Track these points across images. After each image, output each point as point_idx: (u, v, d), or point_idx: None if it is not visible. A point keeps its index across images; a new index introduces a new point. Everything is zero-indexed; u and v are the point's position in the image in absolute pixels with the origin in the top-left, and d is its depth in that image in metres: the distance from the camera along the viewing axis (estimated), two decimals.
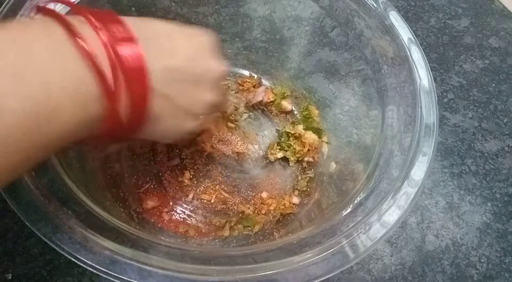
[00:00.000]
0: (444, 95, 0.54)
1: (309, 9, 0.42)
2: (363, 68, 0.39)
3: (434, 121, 0.33)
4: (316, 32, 0.43)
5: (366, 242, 0.28)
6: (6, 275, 0.36)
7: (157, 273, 0.25)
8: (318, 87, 0.46)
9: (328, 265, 0.27)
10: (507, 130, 0.52)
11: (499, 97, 0.55)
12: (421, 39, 0.58)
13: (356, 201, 0.31)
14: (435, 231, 0.45)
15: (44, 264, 0.37)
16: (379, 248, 0.43)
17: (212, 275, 0.26)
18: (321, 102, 0.46)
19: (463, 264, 0.43)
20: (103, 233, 0.26)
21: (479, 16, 0.61)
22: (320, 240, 0.29)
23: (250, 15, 0.45)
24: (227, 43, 0.48)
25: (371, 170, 0.33)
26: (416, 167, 0.31)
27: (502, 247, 0.45)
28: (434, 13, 0.60)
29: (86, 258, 0.25)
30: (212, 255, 0.29)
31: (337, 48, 0.42)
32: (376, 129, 0.36)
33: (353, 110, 0.42)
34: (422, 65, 0.36)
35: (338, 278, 0.41)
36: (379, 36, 0.38)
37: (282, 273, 0.26)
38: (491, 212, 0.47)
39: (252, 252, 0.28)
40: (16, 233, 0.38)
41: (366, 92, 0.39)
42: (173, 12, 0.44)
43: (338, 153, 0.43)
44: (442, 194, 0.47)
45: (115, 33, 0.23)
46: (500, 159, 0.50)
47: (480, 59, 0.57)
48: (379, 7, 0.38)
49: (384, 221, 0.29)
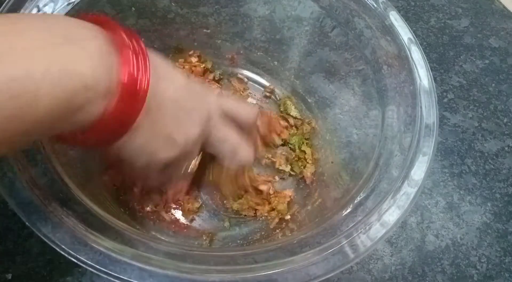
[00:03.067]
0: (444, 95, 0.54)
1: (309, 9, 0.42)
2: (363, 68, 0.39)
3: (434, 121, 0.33)
4: (316, 32, 0.43)
5: (366, 242, 0.28)
6: (6, 275, 0.36)
7: (157, 273, 0.25)
8: (318, 87, 0.46)
9: (328, 265, 0.27)
10: (507, 131, 0.52)
11: (499, 97, 0.55)
12: (421, 39, 0.58)
13: (356, 201, 0.31)
14: (435, 231, 0.45)
15: (44, 264, 0.37)
16: (379, 248, 0.43)
17: (212, 275, 0.26)
18: (321, 102, 0.46)
19: (463, 264, 0.43)
20: (103, 233, 0.26)
21: (479, 16, 0.61)
22: (320, 240, 0.29)
23: (250, 15, 0.45)
24: (227, 43, 0.48)
25: (371, 170, 0.33)
26: (416, 167, 0.31)
27: (502, 247, 0.45)
28: (434, 13, 0.60)
29: (86, 258, 0.25)
30: (212, 255, 0.29)
31: (337, 48, 0.42)
32: (376, 129, 0.36)
33: (353, 110, 0.42)
34: (422, 65, 0.36)
35: (338, 278, 0.41)
36: (379, 36, 0.38)
37: (282, 273, 0.26)
38: (491, 212, 0.47)
39: (252, 252, 0.28)
40: (16, 233, 0.38)
41: (366, 92, 0.39)
42: (173, 12, 0.44)
43: (338, 153, 0.43)
44: (442, 194, 0.47)
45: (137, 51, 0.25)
46: (500, 159, 0.50)
47: (480, 59, 0.57)
48: (379, 7, 0.38)
49: (384, 221, 0.29)
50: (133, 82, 0.24)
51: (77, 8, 0.34)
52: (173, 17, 0.44)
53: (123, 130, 0.26)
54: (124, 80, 0.24)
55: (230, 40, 0.47)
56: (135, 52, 0.24)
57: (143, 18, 0.43)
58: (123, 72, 0.24)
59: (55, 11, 0.33)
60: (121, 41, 0.24)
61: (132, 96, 0.24)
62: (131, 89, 0.24)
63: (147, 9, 0.43)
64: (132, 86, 0.24)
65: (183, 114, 0.29)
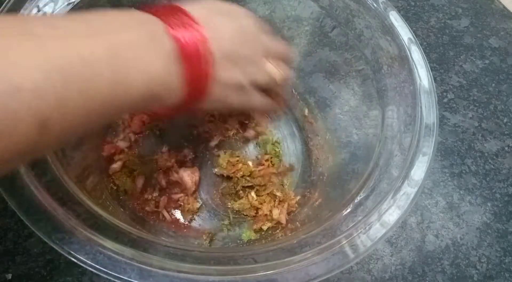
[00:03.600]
0: (444, 95, 0.54)
1: (309, 9, 0.42)
2: (363, 68, 0.39)
3: (434, 121, 0.33)
4: (316, 32, 0.43)
5: (366, 242, 0.28)
6: (6, 275, 0.36)
7: (157, 273, 0.25)
8: (318, 87, 0.46)
9: (328, 265, 0.27)
10: (507, 131, 0.52)
11: (499, 97, 0.55)
12: (421, 39, 0.58)
13: (356, 201, 0.31)
14: (435, 231, 0.45)
15: (44, 264, 0.37)
16: (379, 248, 0.43)
17: (212, 275, 0.26)
18: (321, 102, 0.46)
19: (463, 264, 0.43)
20: (103, 233, 0.26)
21: (479, 16, 0.61)
22: (320, 240, 0.29)
23: None
24: None
25: (371, 170, 0.33)
26: (416, 167, 0.31)
27: (502, 247, 0.45)
28: (434, 13, 0.60)
29: (86, 258, 0.25)
30: (212, 255, 0.29)
31: (337, 48, 0.42)
32: (376, 129, 0.36)
33: (353, 110, 0.42)
34: (422, 65, 0.36)
35: (338, 278, 0.41)
36: (379, 36, 0.38)
37: (282, 273, 0.26)
38: (491, 212, 0.47)
39: (252, 252, 0.28)
40: (16, 233, 0.38)
41: (366, 92, 0.39)
42: None
43: (338, 153, 0.43)
44: (442, 194, 0.47)
45: (183, 20, 0.26)
46: (500, 159, 0.50)
47: (480, 59, 0.57)
48: (379, 7, 0.38)
49: (384, 221, 0.29)
50: (193, 49, 0.26)
51: (77, 8, 0.34)
52: None
53: (201, 95, 0.28)
54: (185, 51, 0.26)
55: None
56: (183, 25, 0.26)
57: None
58: (185, 52, 0.26)
59: (55, 11, 0.33)
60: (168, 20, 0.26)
61: (196, 62, 0.26)
62: (194, 56, 0.26)
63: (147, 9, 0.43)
64: (194, 52, 0.26)
65: (240, 63, 0.30)
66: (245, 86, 0.31)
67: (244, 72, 0.30)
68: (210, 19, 0.28)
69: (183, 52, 0.25)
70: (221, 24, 0.29)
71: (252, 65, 0.31)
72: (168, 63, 0.25)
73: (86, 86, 0.21)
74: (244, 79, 0.30)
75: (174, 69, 0.25)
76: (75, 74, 0.20)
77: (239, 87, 0.30)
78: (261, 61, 0.32)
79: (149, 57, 0.24)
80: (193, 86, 0.27)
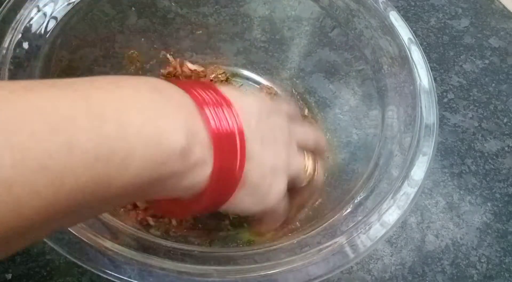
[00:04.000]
0: (444, 95, 0.54)
1: (309, 9, 0.42)
2: (363, 68, 0.39)
3: (434, 121, 0.33)
4: (316, 32, 0.43)
5: (366, 242, 0.28)
6: (6, 275, 0.36)
7: (157, 273, 0.25)
8: (318, 87, 0.46)
9: (328, 265, 0.27)
10: (507, 130, 0.52)
11: (499, 97, 0.55)
12: (421, 39, 0.58)
13: (356, 201, 0.31)
14: (435, 231, 0.45)
15: (44, 264, 0.37)
16: (379, 248, 0.43)
17: (212, 275, 0.26)
18: (321, 102, 0.46)
19: (463, 264, 0.43)
20: (103, 233, 0.26)
21: (479, 16, 0.61)
22: (320, 240, 0.29)
23: (250, 15, 0.45)
24: (227, 43, 0.48)
25: (371, 170, 0.33)
26: (416, 167, 0.31)
27: (502, 247, 0.45)
28: (434, 13, 0.60)
29: (86, 258, 0.25)
30: (212, 255, 0.29)
31: (337, 48, 0.42)
32: (376, 129, 0.36)
33: (353, 110, 0.42)
34: (422, 65, 0.36)
35: (338, 278, 0.41)
36: (379, 36, 0.38)
37: (282, 273, 0.26)
38: (491, 212, 0.47)
39: (252, 252, 0.28)
40: None
41: (366, 92, 0.39)
42: (173, 12, 0.44)
43: (338, 153, 0.43)
44: (442, 194, 0.47)
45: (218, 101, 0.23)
46: (500, 159, 0.50)
47: (480, 59, 0.57)
48: (379, 7, 0.38)
49: (384, 221, 0.29)
50: (227, 136, 0.23)
51: (78, 8, 0.34)
52: (173, 17, 0.44)
53: (231, 190, 0.25)
54: (215, 137, 0.22)
55: (230, 40, 0.47)
56: (215, 105, 0.23)
57: (143, 18, 0.43)
58: (212, 130, 0.22)
59: (55, 11, 0.33)
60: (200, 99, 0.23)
61: (230, 150, 0.23)
62: (226, 144, 0.23)
63: (147, 9, 0.43)
64: (226, 140, 0.23)
65: (271, 144, 0.27)
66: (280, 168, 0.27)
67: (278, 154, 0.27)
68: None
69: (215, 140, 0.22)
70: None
71: (284, 149, 0.27)
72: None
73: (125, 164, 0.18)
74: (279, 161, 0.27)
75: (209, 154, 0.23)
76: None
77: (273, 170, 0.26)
78: (292, 148, 0.28)
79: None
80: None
